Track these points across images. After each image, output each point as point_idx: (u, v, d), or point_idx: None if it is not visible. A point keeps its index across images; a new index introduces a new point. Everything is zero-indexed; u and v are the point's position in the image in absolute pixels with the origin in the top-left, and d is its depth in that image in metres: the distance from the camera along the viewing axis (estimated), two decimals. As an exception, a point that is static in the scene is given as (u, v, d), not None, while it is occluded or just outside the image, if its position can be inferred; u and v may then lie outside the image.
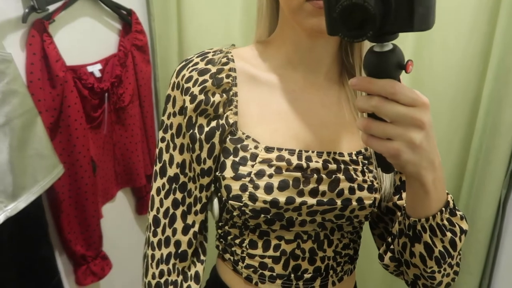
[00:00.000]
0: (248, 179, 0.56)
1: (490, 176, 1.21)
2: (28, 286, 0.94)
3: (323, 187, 0.57)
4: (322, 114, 0.61)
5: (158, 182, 0.62)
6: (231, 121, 0.57)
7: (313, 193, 0.56)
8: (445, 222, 0.52)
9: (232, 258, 0.65)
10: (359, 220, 0.61)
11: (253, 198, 0.56)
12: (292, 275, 0.61)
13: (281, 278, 0.62)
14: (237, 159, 0.56)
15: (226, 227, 0.64)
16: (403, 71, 0.41)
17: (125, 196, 1.36)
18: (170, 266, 0.63)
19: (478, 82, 1.21)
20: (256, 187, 0.55)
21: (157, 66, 1.37)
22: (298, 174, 0.56)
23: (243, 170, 0.56)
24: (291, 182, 0.56)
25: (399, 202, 0.64)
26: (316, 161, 0.57)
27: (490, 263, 1.28)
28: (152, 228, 0.63)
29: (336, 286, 0.65)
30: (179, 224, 0.62)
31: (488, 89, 1.18)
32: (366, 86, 0.41)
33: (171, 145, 0.60)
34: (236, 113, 0.58)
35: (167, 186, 0.61)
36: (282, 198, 0.55)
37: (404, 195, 0.64)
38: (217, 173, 0.59)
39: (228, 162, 0.57)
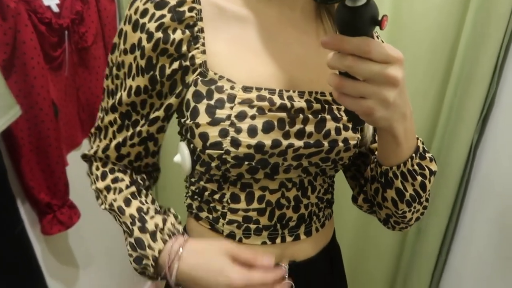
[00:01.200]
0: (228, 122, 0.51)
1: (463, 121, 1.22)
2: (-11, 235, 0.88)
3: (309, 128, 0.53)
4: (300, 52, 0.57)
5: (110, 116, 0.58)
6: (198, 61, 0.52)
7: (300, 134, 0.53)
8: (416, 167, 0.54)
9: (210, 216, 0.61)
10: (343, 163, 0.59)
11: (235, 143, 0.51)
12: (278, 225, 0.60)
13: (267, 230, 0.59)
14: (212, 102, 0.51)
15: (202, 182, 0.60)
16: (378, 27, 0.39)
17: (92, 144, 1.29)
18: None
19: (458, 26, 1.19)
20: (238, 131, 0.51)
21: (121, 4, 1.27)
22: (283, 115, 0.52)
23: (220, 113, 0.51)
24: (276, 123, 0.52)
25: (372, 146, 0.65)
26: (299, 101, 0.53)
27: (458, 207, 1.33)
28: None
29: (319, 232, 0.64)
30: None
31: (466, 35, 1.17)
32: (338, 45, 0.39)
33: (123, 85, 0.55)
34: (204, 52, 0.52)
35: (119, 121, 0.58)
36: (267, 141, 0.51)
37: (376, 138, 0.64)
38: (187, 122, 0.53)
39: (202, 107, 0.52)
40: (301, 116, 0.53)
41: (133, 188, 0.59)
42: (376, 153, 0.59)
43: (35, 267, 1.01)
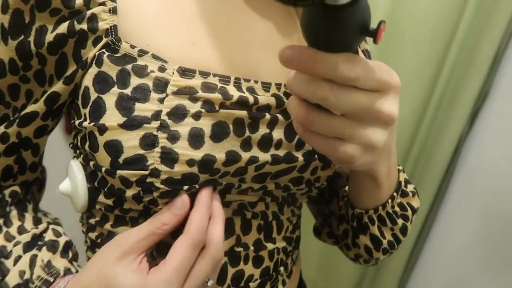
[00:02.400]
0: (155, 124, 0.32)
1: (455, 112, 1.18)
2: None
3: (278, 134, 0.37)
4: (263, 30, 0.39)
5: None
6: (103, 24, 0.33)
7: (265, 143, 0.37)
8: (396, 209, 0.44)
9: None
10: (320, 185, 0.44)
11: (169, 158, 0.33)
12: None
13: None
14: (127, 92, 0.33)
15: (107, 225, 0.39)
16: (371, 38, 0.25)
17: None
18: None
19: (460, 9, 1.13)
20: (173, 138, 0.33)
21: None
22: (242, 113, 0.35)
23: (143, 109, 0.33)
24: (231, 127, 0.35)
25: (340, 170, 0.52)
26: (263, 95, 0.37)
27: (440, 196, 1.30)
28: None
29: (286, 285, 0.48)
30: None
31: (468, 18, 1.11)
32: (308, 66, 0.25)
33: None
34: (113, 11, 0.33)
35: None
36: (219, 154, 0.34)
37: None
38: (84, 124, 0.34)
39: (110, 99, 0.33)
40: (267, 116, 0.36)
41: None
42: (346, 189, 0.46)
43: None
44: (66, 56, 0.35)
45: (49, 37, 0.33)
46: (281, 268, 0.46)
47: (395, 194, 0.43)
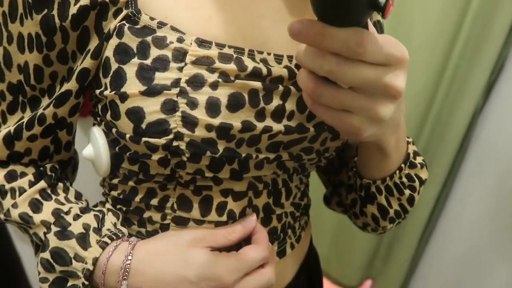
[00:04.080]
0: (175, 91, 0.33)
1: (469, 85, 1.16)
2: None
3: (290, 105, 0.38)
4: (275, 4, 0.40)
5: None
6: None
7: (278, 114, 0.37)
8: (404, 180, 0.45)
9: (143, 230, 0.43)
10: (329, 156, 0.45)
11: (189, 121, 0.34)
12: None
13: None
14: (147, 62, 0.34)
15: (131, 182, 0.41)
16: (380, 14, 0.25)
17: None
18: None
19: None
20: (192, 104, 0.34)
21: None
22: (257, 84, 0.36)
23: (163, 77, 0.34)
24: (247, 97, 0.36)
25: (349, 141, 0.52)
26: (277, 67, 0.38)
27: (454, 175, 1.29)
28: None
29: (295, 249, 0.50)
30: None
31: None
32: (316, 40, 0.25)
33: (4, 33, 0.37)
34: None
35: (9, 97, 0.40)
36: (235, 122, 0.35)
37: None
38: (105, 93, 0.36)
39: (130, 69, 0.34)
40: (280, 87, 0.37)
41: (42, 184, 0.41)
42: (355, 159, 0.47)
43: (2, 230, 0.91)
44: (88, 30, 0.36)
45: (73, 9, 0.34)
46: (289, 231, 0.48)
47: (403, 165, 0.44)
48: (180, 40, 0.34)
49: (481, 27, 1.09)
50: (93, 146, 0.40)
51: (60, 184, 0.44)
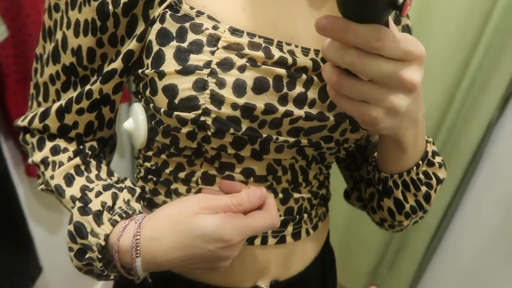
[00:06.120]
0: (206, 71, 0.37)
1: (486, 95, 1.15)
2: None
3: (312, 94, 0.41)
4: (305, 1, 0.43)
5: (51, 68, 0.44)
6: None
7: (300, 101, 0.41)
8: (421, 176, 0.46)
9: (169, 200, 0.47)
10: (348, 147, 0.48)
11: (216, 99, 0.38)
12: None
13: None
14: (184, 45, 0.38)
15: (163, 155, 0.46)
16: (397, 12, 0.28)
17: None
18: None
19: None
20: (220, 84, 0.38)
21: None
22: (281, 71, 0.39)
23: (196, 59, 0.38)
24: (271, 82, 0.39)
25: (373, 139, 0.55)
26: (303, 58, 0.41)
27: (465, 183, 1.29)
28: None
29: (310, 236, 0.52)
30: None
31: (503, 0, 1.07)
32: (339, 34, 0.28)
33: (65, 19, 0.41)
34: None
35: (63, 77, 0.44)
36: (259, 103, 0.39)
37: None
38: (146, 72, 0.40)
39: (169, 51, 0.38)
40: (303, 76, 0.40)
41: (77, 160, 0.45)
42: (375, 154, 0.49)
43: (17, 209, 0.93)
44: (136, 17, 0.40)
45: None
46: (305, 215, 0.50)
47: (420, 162, 0.45)
48: (215, 27, 0.38)
49: (501, 37, 1.09)
50: (133, 120, 0.44)
51: (94, 162, 0.47)
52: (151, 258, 0.39)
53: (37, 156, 0.46)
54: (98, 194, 0.43)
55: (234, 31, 0.38)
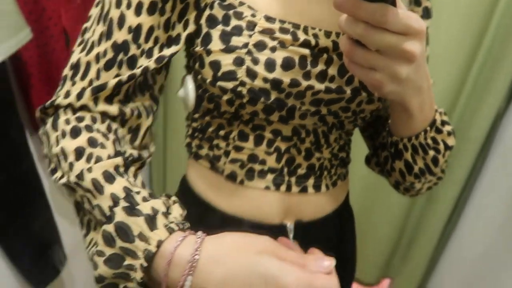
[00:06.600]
0: (244, 50, 0.46)
1: (493, 85, 1.16)
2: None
3: (332, 71, 0.48)
4: None
5: (99, 47, 0.45)
6: None
7: (321, 76, 0.48)
8: (429, 141, 0.51)
9: (211, 153, 0.55)
10: (364, 116, 0.54)
11: (251, 73, 0.46)
12: (285, 169, 0.54)
13: (273, 173, 0.54)
14: (228, 29, 0.46)
15: (207, 118, 0.54)
16: None
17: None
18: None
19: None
20: (255, 61, 0.46)
21: None
22: (306, 52, 0.47)
23: (237, 40, 0.46)
24: (297, 61, 0.47)
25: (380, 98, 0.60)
26: (325, 40, 0.48)
27: (475, 175, 1.30)
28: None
29: (330, 190, 0.58)
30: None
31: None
32: (351, 10, 0.34)
33: (124, 1, 0.45)
34: None
35: (110, 54, 0.46)
36: (286, 78, 0.47)
37: None
38: (196, 49, 0.48)
39: (215, 33, 0.46)
40: (325, 55, 0.48)
41: (118, 160, 0.43)
42: (389, 121, 0.55)
43: (44, 202, 0.98)
44: (188, 5, 0.48)
45: None
46: (325, 172, 0.57)
47: (428, 128, 0.50)
48: (253, 15, 0.46)
49: (507, 27, 1.10)
50: (184, 89, 0.53)
51: (132, 168, 0.46)
52: (203, 280, 0.37)
53: (67, 144, 0.43)
54: (146, 199, 0.41)
55: (268, 19, 0.46)
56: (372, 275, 1.64)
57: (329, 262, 0.39)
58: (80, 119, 0.45)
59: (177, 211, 0.42)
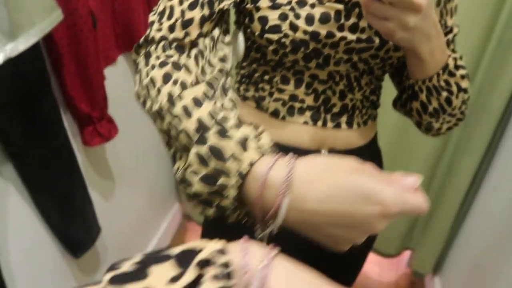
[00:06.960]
0: (288, 7, 0.54)
1: (509, 61, 1.15)
2: (34, 142, 0.91)
3: (363, 23, 0.55)
4: None
5: None
6: None
7: (353, 28, 0.55)
8: (442, 83, 0.57)
9: (256, 94, 0.64)
10: (392, 62, 0.61)
11: (293, 27, 0.54)
12: (322, 108, 0.62)
13: (311, 110, 0.62)
14: None
15: (254, 65, 0.63)
16: None
17: (127, 62, 1.28)
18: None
19: None
20: (297, 16, 0.54)
21: None
22: (340, 7, 0.54)
23: None
24: (332, 15, 0.54)
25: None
26: None
27: (496, 143, 1.30)
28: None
29: (361, 128, 0.66)
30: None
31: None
32: None
33: None
34: None
35: None
36: (322, 31, 0.55)
37: None
38: (247, 6, 0.56)
39: None
40: (357, 10, 0.55)
41: (205, 87, 0.45)
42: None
43: (79, 176, 1.05)
44: None
45: None
46: (357, 111, 0.65)
47: (441, 72, 0.56)
48: None
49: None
50: (235, 41, 0.60)
51: (218, 92, 0.46)
52: (301, 200, 0.36)
53: (156, 73, 0.46)
54: (235, 126, 0.41)
55: None
56: (392, 246, 1.67)
57: (415, 179, 0.37)
58: (169, 56, 0.49)
59: (266, 138, 0.42)
